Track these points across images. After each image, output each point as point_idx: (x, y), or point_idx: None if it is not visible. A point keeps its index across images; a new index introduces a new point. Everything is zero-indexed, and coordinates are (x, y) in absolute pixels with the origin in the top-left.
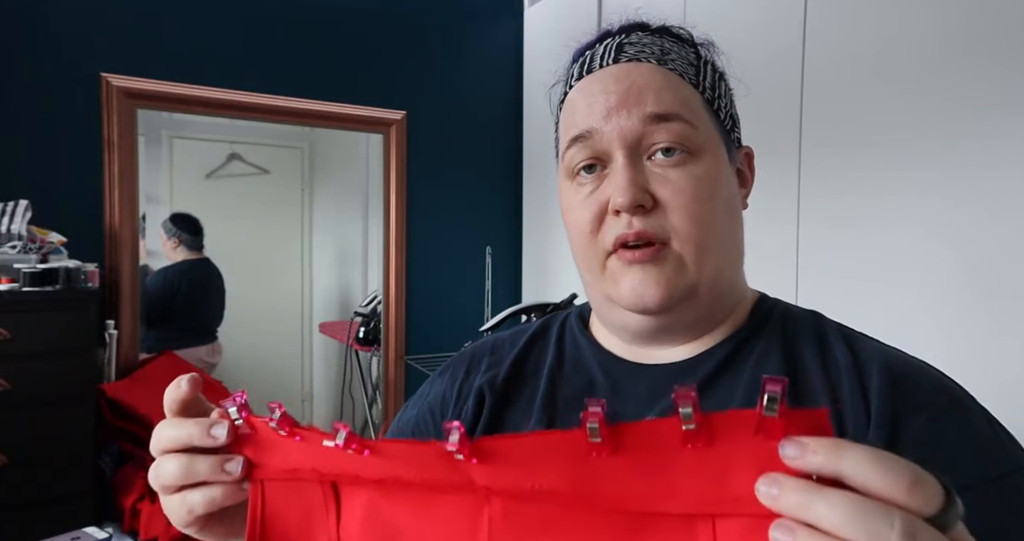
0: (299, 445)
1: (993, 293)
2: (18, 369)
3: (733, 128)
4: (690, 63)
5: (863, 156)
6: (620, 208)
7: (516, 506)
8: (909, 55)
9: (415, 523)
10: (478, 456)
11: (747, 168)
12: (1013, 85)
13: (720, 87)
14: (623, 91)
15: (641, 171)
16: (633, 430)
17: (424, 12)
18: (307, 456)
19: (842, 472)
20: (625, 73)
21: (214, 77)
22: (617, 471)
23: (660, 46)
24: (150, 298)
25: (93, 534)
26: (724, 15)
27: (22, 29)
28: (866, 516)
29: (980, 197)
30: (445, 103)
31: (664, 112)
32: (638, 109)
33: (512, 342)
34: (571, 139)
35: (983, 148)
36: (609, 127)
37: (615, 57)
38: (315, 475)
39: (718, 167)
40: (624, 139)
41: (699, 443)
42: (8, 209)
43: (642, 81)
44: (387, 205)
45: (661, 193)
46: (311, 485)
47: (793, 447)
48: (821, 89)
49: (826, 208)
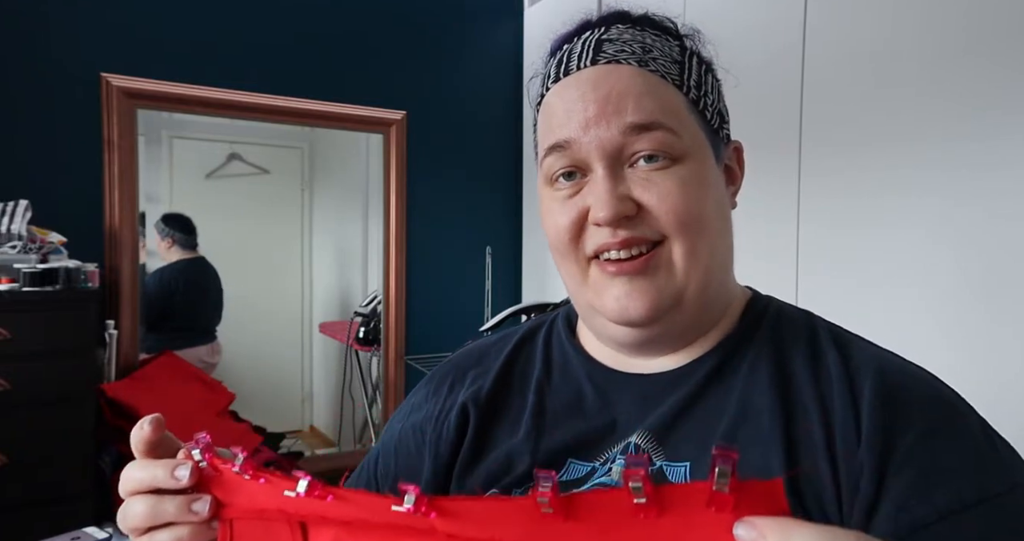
0: (264, 487)
1: (993, 293)
2: (18, 369)
3: (721, 125)
4: (673, 60)
5: (863, 156)
6: (602, 222)
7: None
8: (909, 55)
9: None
10: (437, 511)
11: (736, 164)
12: (1013, 85)
13: (707, 83)
14: (601, 99)
15: (622, 180)
16: (584, 500)
17: (424, 12)
18: (272, 497)
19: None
20: (604, 78)
21: (214, 77)
22: (570, 536)
23: (641, 43)
24: (148, 299)
25: (93, 534)
26: (724, 15)
27: (22, 29)
28: None
29: (980, 197)
30: (445, 103)
31: (644, 121)
32: (617, 119)
33: (499, 349)
34: (548, 148)
35: (983, 148)
36: (588, 138)
37: (593, 58)
38: (282, 515)
39: (704, 170)
40: (603, 150)
41: (650, 514)
42: (8, 209)
43: (621, 87)
44: (387, 205)
45: (645, 198)
46: (279, 524)
47: (745, 529)
48: (821, 89)
49: (826, 208)
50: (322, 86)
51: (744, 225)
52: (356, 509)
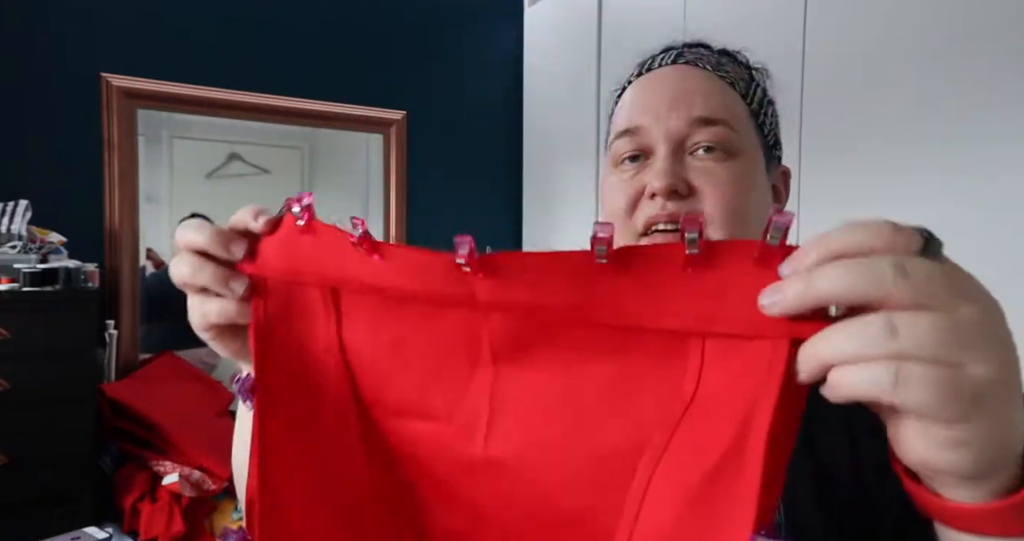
0: (312, 245)
1: (994, 293)
2: (18, 369)
3: (775, 146)
4: (742, 78)
5: (863, 156)
6: (656, 191)
7: (515, 320)
8: (909, 55)
9: (417, 336)
10: (485, 270)
11: (782, 186)
12: (1013, 85)
13: (767, 109)
14: (674, 92)
15: (681, 162)
16: (638, 252)
17: (424, 12)
18: (316, 258)
19: (835, 252)
20: (680, 75)
21: (214, 77)
22: (618, 288)
23: (717, 59)
24: (149, 298)
25: (93, 534)
26: (724, 15)
27: (22, 29)
28: (860, 270)
29: (981, 197)
30: (445, 103)
31: (710, 116)
32: (686, 111)
33: None
34: (619, 132)
35: (983, 148)
36: (657, 125)
37: (673, 59)
38: (318, 279)
39: (756, 171)
40: (669, 137)
41: (700, 267)
42: (8, 209)
43: (694, 84)
44: (387, 205)
45: (698, 182)
46: (312, 292)
47: (788, 264)
48: (821, 89)
49: (826, 208)
50: (322, 86)
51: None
52: (398, 273)
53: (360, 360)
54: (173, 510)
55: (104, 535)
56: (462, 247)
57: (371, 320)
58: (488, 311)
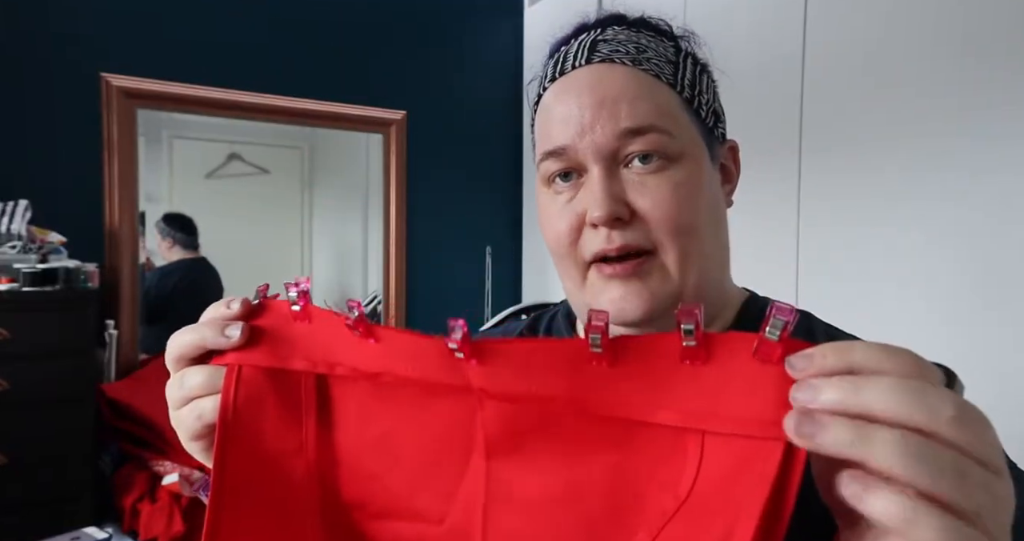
0: (305, 330)
1: (994, 293)
2: (18, 369)
3: (716, 124)
4: (668, 60)
5: (863, 156)
6: (597, 222)
7: (509, 410)
8: (909, 56)
9: (408, 427)
10: (478, 357)
11: (732, 163)
12: (1013, 85)
13: (701, 82)
14: (596, 104)
15: (618, 181)
16: (634, 343)
17: (424, 12)
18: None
19: (854, 365)
20: (598, 80)
21: (214, 77)
22: (614, 380)
23: (636, 43)
24: (148, 298)
25: (93, 534)
26: (724, 15)
27: (22, 29)
28: (912, 391)
29: (982, 198)
30: (445, 103)
31: (639, 126)
32: (612, 124)
33: None
34: (545, 153)
35: (984, 148)
36: (584, 143)
37: (588, 57)
38: (308, 364)
39: (699, 170)
40: (599, 153)
41: (697, 360)
42: (8, 209)
43: (616, 89)
44: (387, 205)
45: (639, 203)
46: (293, 383)
47: (800, 360)
48: (821, 89)
49: (826, 209)
50: (322, 86)
51: (744, 226)
52: (391, 358)
53: (342, 459)
54: (173, 510)
55: (104, 535)
56: (455, 331)
57: (359, 411)
58: (483, 399)
